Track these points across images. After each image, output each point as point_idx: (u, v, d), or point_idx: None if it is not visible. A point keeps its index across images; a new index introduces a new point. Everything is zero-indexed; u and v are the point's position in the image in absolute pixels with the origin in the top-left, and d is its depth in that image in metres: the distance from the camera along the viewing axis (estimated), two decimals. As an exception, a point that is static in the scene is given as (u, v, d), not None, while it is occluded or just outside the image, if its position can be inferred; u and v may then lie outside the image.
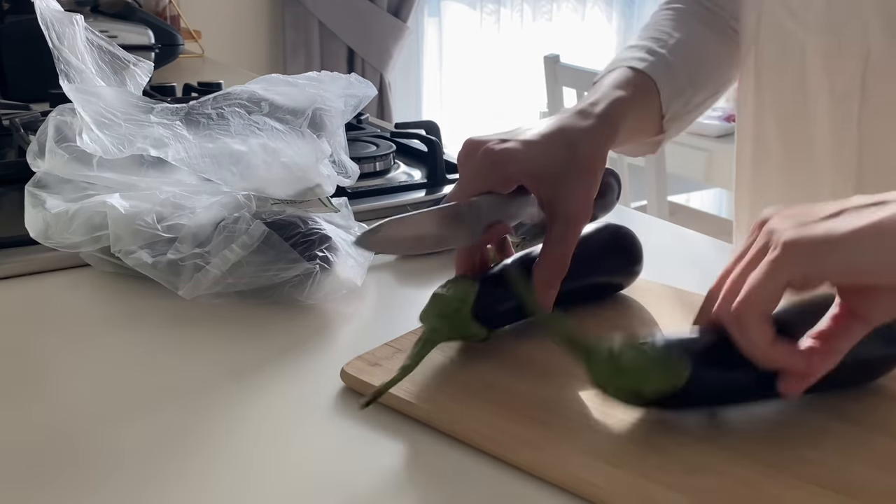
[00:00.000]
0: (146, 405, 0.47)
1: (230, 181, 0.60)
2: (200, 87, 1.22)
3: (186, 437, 0.44)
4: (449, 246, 0.52)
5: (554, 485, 0.40)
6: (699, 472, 0.40)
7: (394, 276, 0.67)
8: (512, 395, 0.47)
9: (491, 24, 2.95)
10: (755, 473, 0.40)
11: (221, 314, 0.58)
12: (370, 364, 0.49)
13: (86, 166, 0.61)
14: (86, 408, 0.47)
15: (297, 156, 0.61)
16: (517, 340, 0.53)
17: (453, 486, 0.41)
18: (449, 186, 0.84)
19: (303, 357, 0.53)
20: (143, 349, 0.54)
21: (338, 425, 0.45)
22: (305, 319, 0.58)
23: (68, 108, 0.62)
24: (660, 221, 0.85)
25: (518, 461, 0.41)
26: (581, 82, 2.28)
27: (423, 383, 0.47)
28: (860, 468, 0.40)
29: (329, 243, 0.59)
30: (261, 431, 0.45)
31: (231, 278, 0.57)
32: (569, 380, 0.48)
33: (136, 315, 0.59)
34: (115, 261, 0.60)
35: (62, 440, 0.44)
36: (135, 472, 0.41)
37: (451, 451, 0.43)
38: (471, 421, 0.44)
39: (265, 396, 0.48)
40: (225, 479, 0.41)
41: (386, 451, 0.43)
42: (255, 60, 2.44)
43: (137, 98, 0.64)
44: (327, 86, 0.67)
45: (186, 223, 0.58)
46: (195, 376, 0.50)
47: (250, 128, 0.62)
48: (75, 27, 0.66)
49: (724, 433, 0.44)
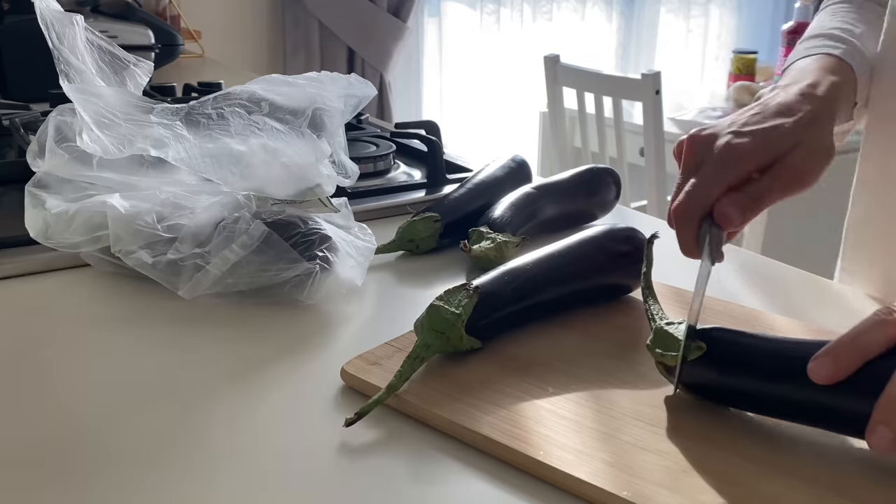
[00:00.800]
0: (146, 405, 0.47)
1: (230, 181, 0.60)
2: (200, 87, 1.22)
3: (186, 436, 0.44)
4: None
5: (554, 485, 0.40)
6: (695, 473, 0.40)
7: (394, 276, 0.67)
8: (510, 393, 0.47)
9: (491, 24, 2.95)
10: (747, 472, 0.40)
11: (221, 314, 0.58)
12: (370, 363, 0.49)
13: (86, 166, 0.61)
14: (85, 407, 0.47)
15: (297, 156, 0.61)
16: (513, 337, 0.53)
17: (453, 486, 0.41)
18: (449, 186, 0.84)
19: (303, 357, 0.53)
20: (143, 349, 0.54)
21: (338, 424, 0.44)
22: (305, 319, 0.58)
23: (68, 108, 0.62)
24: (660, 221, 0.85)
25: (518, 461, 0.41)
26: (581, 82, 2.28)
27: (422, 381, 0.47)
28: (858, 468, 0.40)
29: (329, 243, 0.59)
30: (261, 431, 0.45)
31: (231, 278, 0.57)
32: (563, 377, 0.48)
33: (136, 315, 0.59)
34: (115, 261, 0.60)
35: (62, 440, 0.44)
36: (134, 472, 0.41)
37: (451, 451, 0.43)
38: (470, 420, 0.44)
39: (265, 396, 0.48)
40: (225, 479, 0.41)
41: (386, 451, 0.43)
42: (255, 60, 2.44)
43: (137, 98, 0.64)
44: (327, 86, 0.67)
45: (186, 223, 0.58)
46: (195, 376, 0.50)
47: (250, 128, 0.62)
48: (75, 27, 0.66)
49: (723, 434, 0.43)
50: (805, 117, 0.55)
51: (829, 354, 0.41)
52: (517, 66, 3.00)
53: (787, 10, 3.44)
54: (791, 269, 0.70)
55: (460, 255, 0.67)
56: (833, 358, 0.41)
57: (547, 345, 0.53)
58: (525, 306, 0.53)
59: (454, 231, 0.70)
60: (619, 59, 3.25)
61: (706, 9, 3.42)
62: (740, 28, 3.51)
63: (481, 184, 0.76)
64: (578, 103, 2.32)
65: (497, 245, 0.65)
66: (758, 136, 0.53)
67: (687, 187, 0.53)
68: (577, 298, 0.57)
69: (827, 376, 0.40)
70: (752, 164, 0.53)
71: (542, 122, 2.69)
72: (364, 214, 0.77)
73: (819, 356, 0.41)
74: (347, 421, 0.43)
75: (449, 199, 0.73)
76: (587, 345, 0.53)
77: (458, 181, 0.81)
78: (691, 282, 0.63)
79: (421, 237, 0.69)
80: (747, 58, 2.60)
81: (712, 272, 0.51)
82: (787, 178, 0.53)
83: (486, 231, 0.66)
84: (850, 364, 0.40)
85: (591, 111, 2.28)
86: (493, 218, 0.68)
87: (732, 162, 0.53)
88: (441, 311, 0.49)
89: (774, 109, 0.56)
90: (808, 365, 0.41)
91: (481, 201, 0.73)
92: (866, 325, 0.41)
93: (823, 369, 0.40)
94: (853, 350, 0.40)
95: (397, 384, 0.46)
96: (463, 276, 0.66)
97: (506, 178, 0.77)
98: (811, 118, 0.56)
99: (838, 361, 0.40)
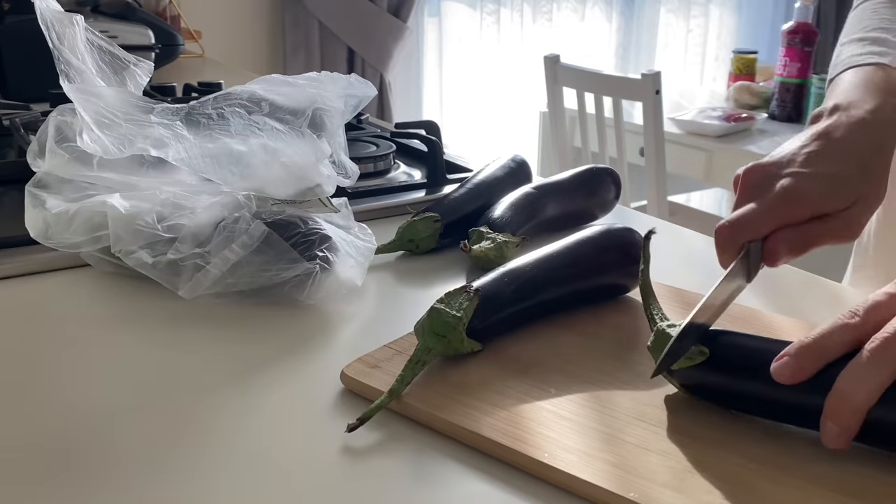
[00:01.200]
0: (145, 405, 0.47)
1: (230, 181, 0.60)
2: (200, 87, 1.22)
3: (186, 436, 0.44)
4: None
5: (557, 486, 0.40)
6: (699, 473, 0.40)
7: (394, 276, 0.67)
8: (511, 395, 0.47)
9: (491, 24, 2.95)
10: (750, 472, 0.40)
11: (221, 314, 0.58)
12: (370, 366, 0.49)
13: (86, 166, 0.61)
14: (85, 407, 0.47)
15: (297, 156, 0.61)
16: (512, 338, 0.53)
17: (455, 488, 0.41)
18: (449, 186, 0.84)
19: (303, 357, 0.53)
20: (143, 349, 0.54)
21: (339, 426, 0.44)
22: (305, 319, 0.58)
23: (68, 108, 0.62)
24: (660, 221, 0.85)
25: (523, 463, 0.41)
26: (581, 82, 2.28)
27: (423, 384, 0.47)
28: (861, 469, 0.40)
29: (329, 243, 0.59)
30: (261, 431, 0.45)
31: (231, 278, 0.57)
32: (564, 378, 0.48)
33: (136, 315, 0.59)
34: (115, 261, 0.60)
35: (62, 440, 0.44)
36: (134, 472, 0.41)
37: (452, 453, 0.43)
38: (473, 422, 0.44)
39: (266, 397, 0.48)
40: (224, 479, 0.41)
41: (388, 453, 0.43)
42: (255, 60, 2.44)
43: (138, 98, 0.64)
44: (327, 86, 0.67)
45: (186, 223, 0.58)
46: (196, 376, 0.50)
47: (250, 128, 0.62)
48: (75, 27, 0.66)
49: (726, 434, 0.44)
50: (868, 158, 0.55)
51: (791, 356, 0.42)
52: (517, 66, 3.00)
53: (787, 10, 3.45)
54: (790, 269, 0.70)
55: (460, 255, 0.67)
56: (795, 359, 0.42)
57: (546, 345, 0.53)
58: (524, 307, 0.53)
59: (454, 231, 0.70)
60: (619, 59, 3.25)
61: (706, 9, 3.42)
62: (740, 28, 3.51)
63: (481, 184, 0.76)
64: (578, 103, 2.32)
65: (497, 245, 0.65)
66: (821, 185, 0.54)
67: (740, 211, 0.54)
68: (576, 299, 0.57)
69: (789, 376, 0.41)
70: (810, 213, 0.53)
71: (542, 122, 2.69)
72: (364, 214, 0.77)
73: (782, 357, 0.42)
74: (350, 426, 0.43)
75: (449, 199, 0.73)
76: (586, 345, 0.53)
77: (458, 181, 0.81)
78: (691, 282, 0.63)
79: (421, 237, 0.69)
80: (747, 58, 2.61)
81: (744, 288, 0.53)
82: (841, 228, 0.54)
83: (486, 231, 0.66)
84: (811, 365, 0.41)
85: (591, 111, 2.29)
86: (493, 218, 0.68)
87: (792, 205, 0.53)
88: (442, 314, 0.49)
89: (838, 147, 0.56)
90: (772, 366, 0.42)
91: (481, 201, 0.73)
92: (830, 327, 0.43)
93: (786, 370, 0.42)
94: (814, 351, 0.42)
95: (399, 388, 0.45)
96: (463, 277, 0.66)
97: (506, 178, 0.77)
98: (875, 153, 0.56)
99: (799, 362, 0.41)
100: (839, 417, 0.40)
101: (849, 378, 0.40)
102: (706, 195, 3.35)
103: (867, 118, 0.57)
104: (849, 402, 0.40)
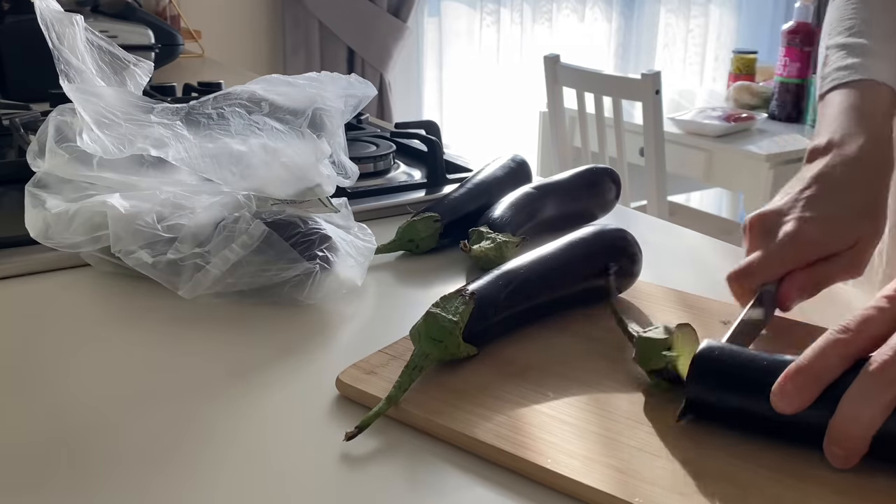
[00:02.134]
0: (145, 405, 0.47)
1: (230, 181, 0.60)
2: (200, 87, 1.22)
3: (185, 437, 0.44)
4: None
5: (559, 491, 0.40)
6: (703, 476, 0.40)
7: (394, 276, 0.67)
8: (509, 399, 0.46)
9: (491, 24, 2.95)
10: (749, 473, 0.40)
11: (221, 314, 0.58)
12: (365, 372, 0.48)
13: (86, 166, 0.61)
14: (85, 407, 0.47)
15: (297, 156, 0.61)
16: (507, 342, 0.53)
17: (455, 494, 0.41)
18: (449, 186, 0.84)
19: (303, 357, 0.53)
20: (143, 349, 0.54)
21: (337, 429, 0.44)
22: (305, 319, 0.58)
23: (68, 108, 0.62)
24: (660, 221, 0.85)
25: (525, 469, 0.41)
26: (581, 82, 2.29)
27: (420, 390, 0.47)
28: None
29: (329, 243, 0.59)
30: (260, 432, 0.45)
31: (231, 278, 0.57)
32: (561, 381, 0.48)
33: (136, 315, 0.59)
34: (115, 261, 0.60)
35: (62, 440, 0.43)
36: (133, 472, 0.41)
37: (451, 459, 0.43)
38: (472, 428, 0.43)
39: (265, 396, 0.48)
40: (223, 480, 0.41)
41: (386, 459, 0.43)
42: (255, 60, 2.44)
43: (138, 98, 0.64)
44: (327, 86, 0.67)
45: (186, 223, 0.58)
46: (195, 376, 0.50)
47: (250, 128, 0.62)
48: (75, 27, 0.66)
49: (728, 435, 0.43)
50: (865, 199, 0.59)
51: (790, 384, 0.41)
52: (517, 66, 3.00)
53: (787, 10, 3.45)
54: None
55: (460, 255, 0.67)
56: (794, 387, 0.41)
57: (542, 348, 0.52)
58: (520, 310, 0.53)
59: (454, 231, 0.70)
60: (618, 59, 3.25)
61: (706, 9, 3.42)
62: (740, 28, 3.51)
63: (481, 184, 0.76)
64: (578, 103, 2.32)
65: (497, 245, 0.65)
66: (823, 229, 0.57)
67: (748, 258, 0.57)
68: (570, 301, 0.57)
69: (790, 407, 0.41)
70: (815, 255, 0.56)
71: (542, 122, 2.69)
72: (364, 214, 0.77)
73: (780, 386, 0.41)
74: (348, 435, 0.43)
75: (449, 199, 0.73)
76: (582, 347, 0.53)
77: (458, 181, 0.81)
78: (691, 282, 0.63)
79: (421, 237, 0.69)
80: (747, 58, 2.61)
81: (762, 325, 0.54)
82: (847, 266, 0.57)
83: (486, 231, 0.66)
84: (810, 393, 0.41)
85: (591, 111, 2.29)
86: (493, 218, 0.68)
87: (797, 249, 0.56)
88: (438, 318, 0.48)
89: (835, 190, 0.59)
90: (771, 396, 0.41)
91: (481, 201, 0.73)
92: (822, 344, 0.42)
93: (786, 401, 0.41)
94: (811, 377, 0.41)
95: (397, 395, 0.45)
96: (463, 276, 0.66)
97: (506, 178, 0.77)
98: (870, 193, 0.59)
99: (799, 390, 0.41)
100: (844, 442, 0.39)
101: (852, 402, 0.39)
102: (706, 195, 3.35)
103: (861, 158, 0.60)
104: (853, 428, 0.39)
